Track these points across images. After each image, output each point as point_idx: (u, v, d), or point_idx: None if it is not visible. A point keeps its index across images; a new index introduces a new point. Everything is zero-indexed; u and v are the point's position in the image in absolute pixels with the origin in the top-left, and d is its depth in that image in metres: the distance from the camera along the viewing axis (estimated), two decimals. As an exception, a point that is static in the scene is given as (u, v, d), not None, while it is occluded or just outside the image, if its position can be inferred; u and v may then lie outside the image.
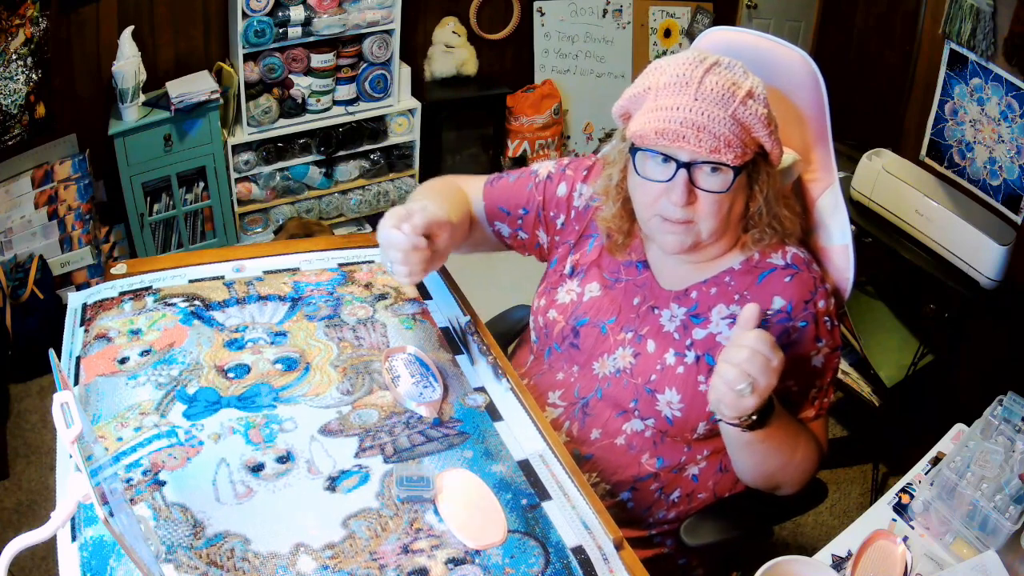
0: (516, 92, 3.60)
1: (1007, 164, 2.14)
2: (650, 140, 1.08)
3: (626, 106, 1.15)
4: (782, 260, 1.19)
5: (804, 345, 1.16)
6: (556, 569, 0.93)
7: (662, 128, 1.06)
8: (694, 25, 3.64)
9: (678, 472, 1.23)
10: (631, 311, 1.25)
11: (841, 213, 1.26)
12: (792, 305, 1.15)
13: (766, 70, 1.23)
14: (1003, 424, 1.22)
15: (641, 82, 1.13)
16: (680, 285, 1.23)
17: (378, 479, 1.02)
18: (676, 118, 1.05)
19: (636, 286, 1.26)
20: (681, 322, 1.21)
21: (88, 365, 1.16)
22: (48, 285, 2.59)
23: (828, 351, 1.18)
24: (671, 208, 1.11)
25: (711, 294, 1.20)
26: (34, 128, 2.55)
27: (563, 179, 1.35)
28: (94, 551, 0.88)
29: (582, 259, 1.32)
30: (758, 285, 1.17)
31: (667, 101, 1.06)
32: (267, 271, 1.40)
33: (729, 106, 1.05)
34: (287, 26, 2.87)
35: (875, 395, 2.37)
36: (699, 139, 1.04)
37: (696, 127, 1.04)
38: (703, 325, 1.19)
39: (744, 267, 1.20)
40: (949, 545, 1.16)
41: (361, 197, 3.35)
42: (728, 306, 1.19)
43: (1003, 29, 2.06)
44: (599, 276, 1.29)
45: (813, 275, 1.18)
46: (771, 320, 1.15)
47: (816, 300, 1.16)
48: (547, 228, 1.37)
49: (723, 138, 1.05)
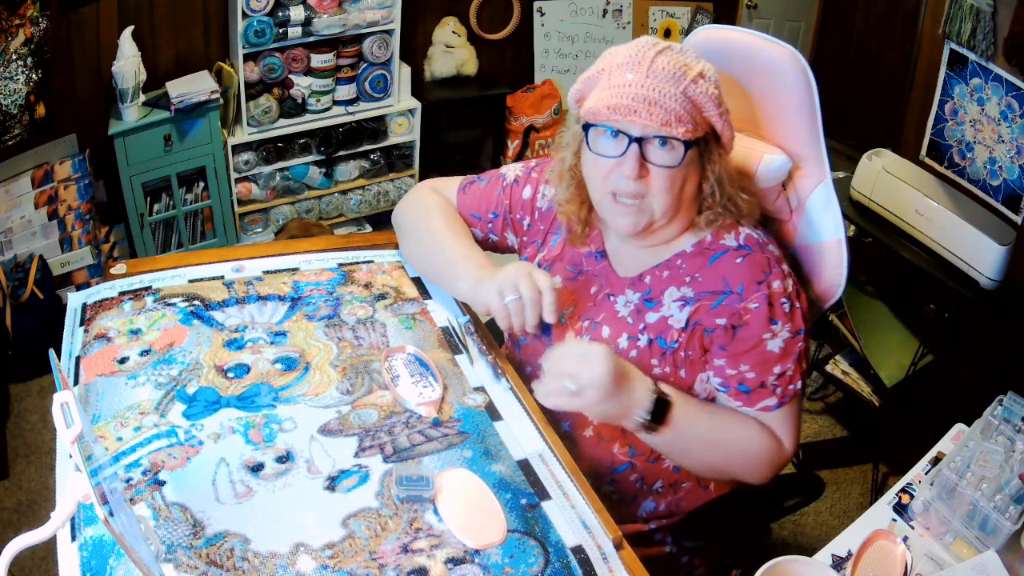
0: (516, 92, 3.60)
1: (1007, 164, 2.14)
2: (602, 116, 1.10)
3: (581, 90, 1.17)
4: (735, 242, 1.18)
5: (756, 327, 1.14)
6: (556, 569, 0.93)
7: (614, 103, 1.08)
8: (694, 25, 3.64)
9: (654, 462, 1.23)
10: (588, 300, 1.27)
11: (833, 208, 1.25)
12: (743, 286, 1.14)
13: (756, 67, 1.24)
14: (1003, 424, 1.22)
15: (596, 65, 1.15)
16: (635, 271, 1.24)
17: (378, 479, 1.02)
18: (628, 93, 1.08)
19: (595, 275, 1.27)
20: (635, 307, 1.21)
21: (88, 365, 1.16)
22: (48, 285, 2.59)
23: (788, 335, 1.15)
24: (623, 182, 1.12)
25: (663, 277, 1.21)
26: (34, 128, 2.55)
27: (528, 181, 1.37)
28: (94, 551, 0.88)
29: (547, 255, 1.34)
30: (709, 267, 1.18)
31: (619, 79, 1.09)
32: (267, 271, 1.40)
33: (680, 83, 1.08)
34: (287, 26, 2.87)
35: (875, 395, 2.37)
36: (650, 113, 1.07)
37: (648, 102, 1.07)
38: (655, 309, 1.20)
39: (696, 249, 1.20)
40: (949, 545, 1.16)
41: (361, 197, 3.35)
42: (679, 288, 1.19)
43: (1003, 29, 2.06)
44: (562, 270, 1.30)
45: (767, 255, 1.16)
46: (723, 303, 1.15)
47: (770, 280, 1.14)
48: (515, 230, 1.39)
49: (674, 112, 1.07)
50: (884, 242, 2.16)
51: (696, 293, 1.17)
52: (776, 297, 1.14)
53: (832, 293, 1.28)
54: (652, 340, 1.19)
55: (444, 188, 1.44)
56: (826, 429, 2.58)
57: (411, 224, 1.41)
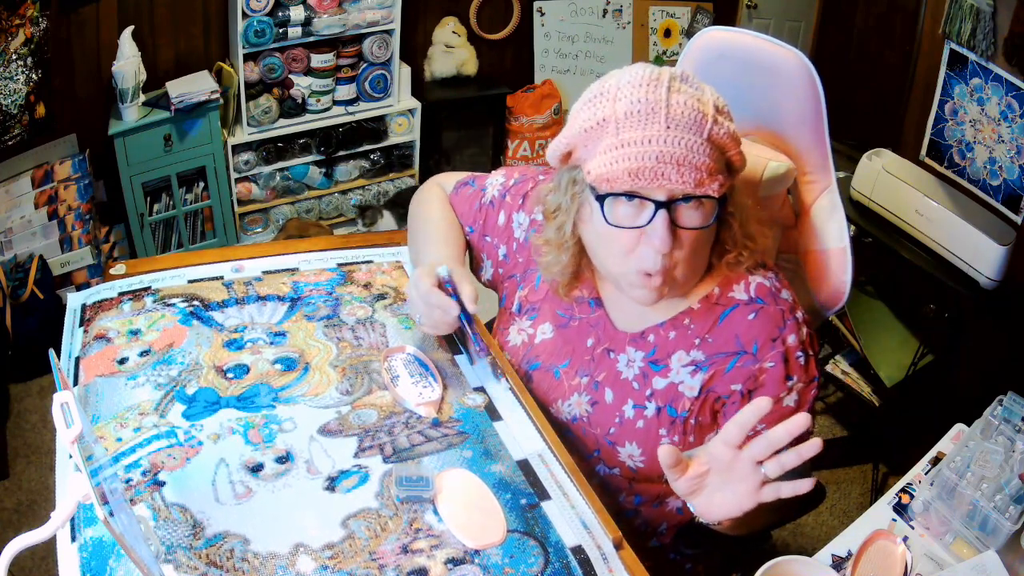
0: (516, 92, 3.60)
1: (1007, 164, 2.14)
2: (622, 183, 0.93)
3: (573, 143, 1.00)
4: (745, 294, 1.07)
5: (773, 387, 1.05)
6: (555, 569, 0.93)
7: (636, 167, 0.92)
8: (694, 25, 3.64)
9: (659, 506, 1.18)
10: (585, 353, 1.16)
11: (839, 215, 1.24)
12: (758, 345, 1.05)
13: (762, 71, 1.21)
14: (1003, 424, 1.22)
15: (589, 113, 0.97)
16: (636, 326, 1.12)
17: (377, 479, 1.02)
18: (650, 153, 0.92)
19: (590, 325, 1.16)
20: (640, 370, 1.11)
21: (87, 365, 1.16)
22: (48, 285, 2.59)
23: (802, 386, 1.06)
24: (653, 257, 0.97)
25: (670, 338, 1.10)
26: (34, 128, 2.55)
27: (502, 206, 1.25)
28: (94, 551, 0.88)
29: (531, 295, 1.22)
30: (719, 326, 1.07)
31: (634, 134, 0.92)
32: (266, 271, 1.39)
33: (703, 129, 0.93)
34: (287, 26, 2.87)
35: (875, 395, 2.37)
36: (681, 174, 0.92)
37: (675, 161, 0.91)
38: (663, 373, 1.10)
39: (703, 305, 1.08)
40: (949, 545, 1.16)
41: (361, 197, 3.35)
42: (688, 352, 1.08)
43: (1003, 29, 2.06)
44: (551, 315, 1.19)
45: (780, 307, 1.06)
46: (736, 365, 1.06)
47: (785, 336, 1.04)
48: (489, 254, 1.28)
49: (705, 168, 0.93)
50: (884, 242, 2.16)
51: (708, 356, 1.08)
52: (792, 352, 1.05)
53: (837, 300, 1.27)
54: (661, 408, 1.10)
55: (446, 181, 1.39)
56: (826, 429, 2.58)
57: (410, 216, 1.38)
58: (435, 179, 1.43)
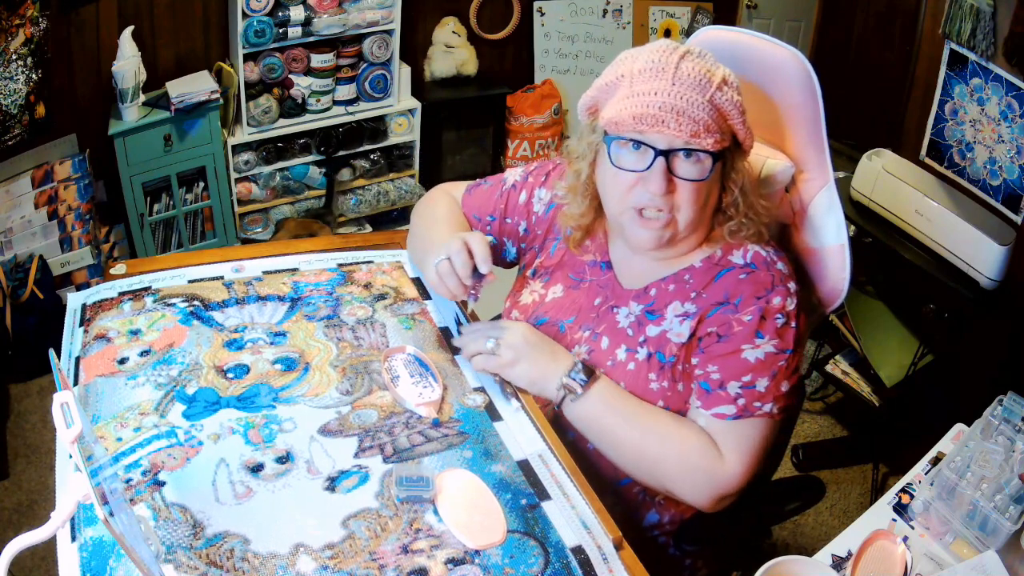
0: (516, 92, 3.60)
1: (1007, 164, 2.14)
2: (627, 126, 1.05)
3: (596, 97, 1.13)
4: (742, 259, 1.16)
5: (741, 337, 1.11)
6: (555, 569, 0.93)
7: (640, 113, 1.03)
8: (694, 25, 3.64)
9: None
10: (591, 311, 1.24)
11: (836, 213, 1.24)
12: (741, 299, 1.13)
13: (760, 69, 1.22)
14: (1003, 424, 1.22)
15: (612, 71, 1.10)
16: (641, 283, 1.21)
17: (377, 479, 1.02)
18: (654, 102, 1.03)
19: (599, 286, 1.25)
20: (636, 319, 1.19)
21: (87, 365, 1.16)
22: (48, 285, 2.59)
23: (772, 350, 1.11)
24: (648, 198, 1.08)
25: (669, 291, 1.18)
26: (34, 128, 2.55)
27: (524, 187, 1.35)
28: (94, 551, 0.88)
29: (546, 261, 1.32)
30: (714, 284, 1.16)
31: (644, 87, 1.05)
32: (266, 271, 1.40)
33: (706, 91, 1.04)
34: (287, 26, 2.87)
35: (875, 395, 2.37)
36: (679, 123, 1.03)
37: (675, 111, 1.03)
38: (657, 322, 1.18)
39: (704, 264, 1.18)
40: (949, 545, 1.16)
41: (361, 197, 3.35)
42: (683, 303, 1.17)
43: (1003, 29, 2.06)
44: (564, 278, 1.28)
45: (772, 274, 1.14)
46: (717, 313, 1.13)
47: (770, 297, 1.12)
48: (511, 236, 1.37)
49: (702, 123, 1.03)
50: (884, 242, 2.16)
51: (699, 308, 1.16)
52: (771, 312, 1.12)
53: (835, 297, 1.27)
54: (651, 354, 1.17)
55: (453, 189, 1.45)
56: (826, 429, 2.58)
57: (414, 220, 1.43)
58: (441, 187, 1.48)
